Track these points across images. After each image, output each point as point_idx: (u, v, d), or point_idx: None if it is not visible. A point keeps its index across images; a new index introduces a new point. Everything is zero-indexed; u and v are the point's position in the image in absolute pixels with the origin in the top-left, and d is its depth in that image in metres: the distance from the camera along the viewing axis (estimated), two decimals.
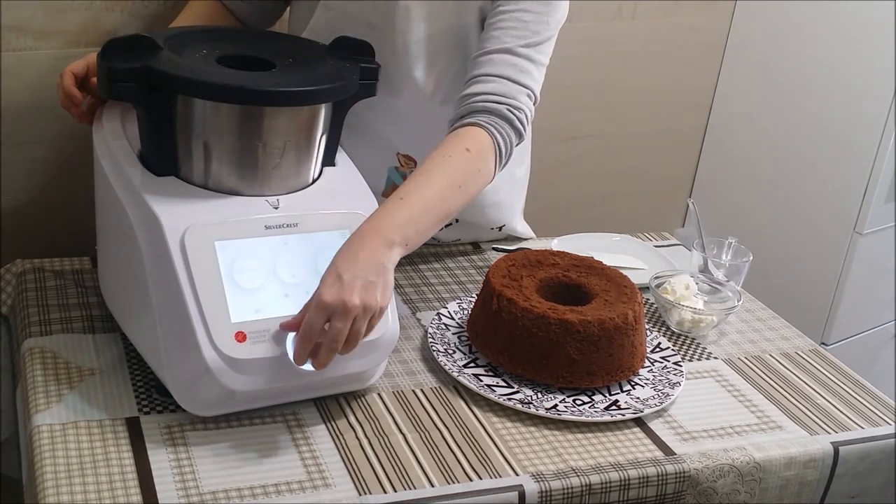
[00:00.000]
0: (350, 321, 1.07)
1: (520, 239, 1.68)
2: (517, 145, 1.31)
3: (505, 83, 1.29)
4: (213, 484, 1.04)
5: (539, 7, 1.33)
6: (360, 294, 1.07)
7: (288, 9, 1.52)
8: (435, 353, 1.29)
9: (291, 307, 1.12)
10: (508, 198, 1.60)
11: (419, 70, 1.39)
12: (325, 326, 1.07)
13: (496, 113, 1.27)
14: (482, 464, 1.12)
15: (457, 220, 1.57)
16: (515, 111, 1.28)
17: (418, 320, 1.41)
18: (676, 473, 1.15)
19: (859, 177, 2.09)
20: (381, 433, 1.16)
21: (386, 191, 1.51)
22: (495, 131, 1.27)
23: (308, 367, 1.09)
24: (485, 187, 1.28)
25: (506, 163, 1.30)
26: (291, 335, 1.09)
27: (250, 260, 1.13)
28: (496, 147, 1.27)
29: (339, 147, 1.29)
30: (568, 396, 1.25)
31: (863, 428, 1.27)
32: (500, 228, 1.64)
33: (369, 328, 1.10)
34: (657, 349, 1.37)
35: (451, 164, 1.23)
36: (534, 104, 1.33)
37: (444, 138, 1.27)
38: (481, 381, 1.25)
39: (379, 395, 1.23)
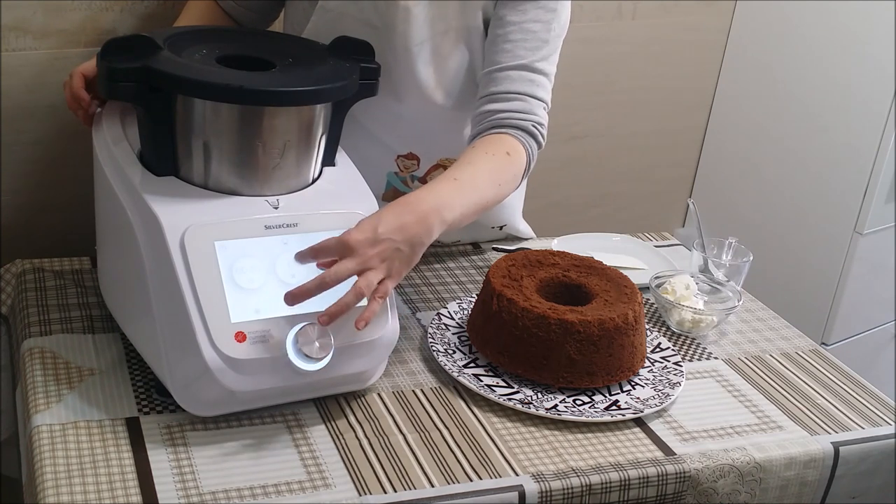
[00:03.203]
0: (357, 270, 1.06)
1: (520, 239, 1.68)
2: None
3: (526, 100, 1.32)
4: (213, 484, 1.04)
5: (545, 16, 1.34)
6: (383, 254, 1.08)
7: (283, 10, 1.52)
8: (435, 353, 1.29)
9: (291, 307, 1.12)
10: (509, 198, 1.60)
11: (421, 72, 1.39)
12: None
13: (523, 129, 1.31)
14: (482, 464, 1.12)
15: None
16: (539, 126, 1.33)
17: (418, 320, 1.41)
18: (677, 473, 1.15)
19: (859, 177, 2.09)
20: (381, 433, 1.16)
21: (385, 194, 1.51)
22: (526, 144, 1.31)
23: (308, 366, 1.09)
24: (510, 195, 1.32)
25: (528, 174, 1.34)
26: (291, 335, 1.09)
27: (250, 260, 1.13)
28: (528, 159, 1.31)
29: (339, 147, 1.29)
30: (568, 396, 1.25)
31: (863, 428, 1.27)
32: (501, 228, 1.64)
33: (370, 307, 1.09)
34: (657, 349, 1.37)
35: (494, 162, 1.26)
36: (546, 114, 1.36)
37: (477, 141, 1.29)
38: (481, 381, 1.25)
39: (379, 395, 1.23)
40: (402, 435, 1.16)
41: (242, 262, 1.12)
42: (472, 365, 1.29)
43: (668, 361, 1.34)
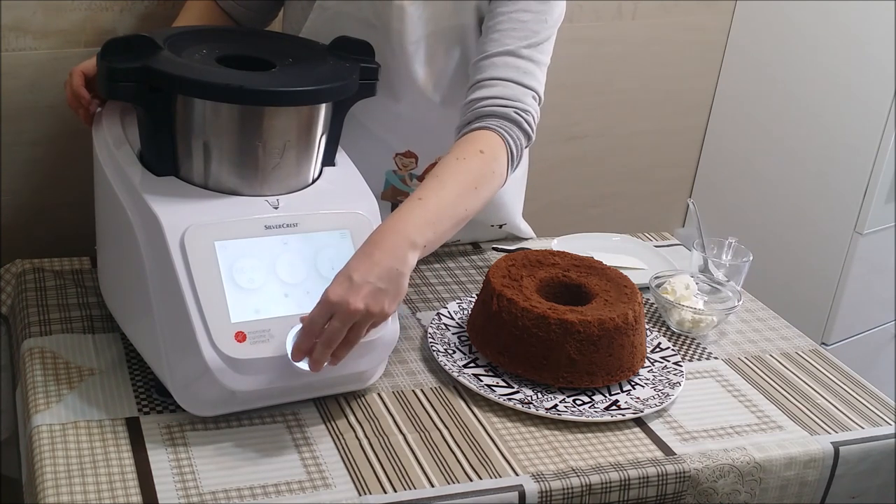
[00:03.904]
0: (349, 323, 1.07)
1: (520, 239, 1.68)
2: (526, 147, 1.32)
3: (510, 86, 1.29)
4: (213, 484, 1.04)
5: (537, 6, 1.33)
6: (366, 299, 1.06)
7: (282, 10, 1.52)
8: (435, 353, 1.29)
9: (291, 307, 1.12)
10: (509, 196, 1.60)
11: (417, 70, 1.39)
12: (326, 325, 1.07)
13: (504, 116, 1.28)
14: (482, 464, 1.12)
15: None
16: (523, 113, 1.29)
17: (418, 320, 1.41)
18: (676, 473, 1.15)
19: (859, 177, 2.09)
20: (381, 433, 1.16)
21: (384, 192, 1.51)
22: (506, 134, 1.27)
23: (306, 366, 1.09)
24: (498, 190, 1.28)
25: (517, 165, 1.30)
26: (291, 335, 1.09)
27: (250, 260, 1.13)
28: (507, 149, 1.27)
29: (339, 147, 1.29)
30: (568, 396, 1.25)
31: (863, 428, 1.27)
32: (501, 226, 1.64)
33: (367, 330, 1.11)
34: (657, 349, 1.37)
35: (465, 166, 1.23)
36: (538, 105, 1.33)
37: (454, 143, 1.27)
38: (481, 381, 1.25)
39: (379, 395, 1.23)
40: (402, 435, 1.16)
41: (242, 262, 1.12)
42: (472, 365, 1.29)
43: (668, 361, 1.34)
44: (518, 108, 1.28)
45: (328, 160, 1.26)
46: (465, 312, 1.40)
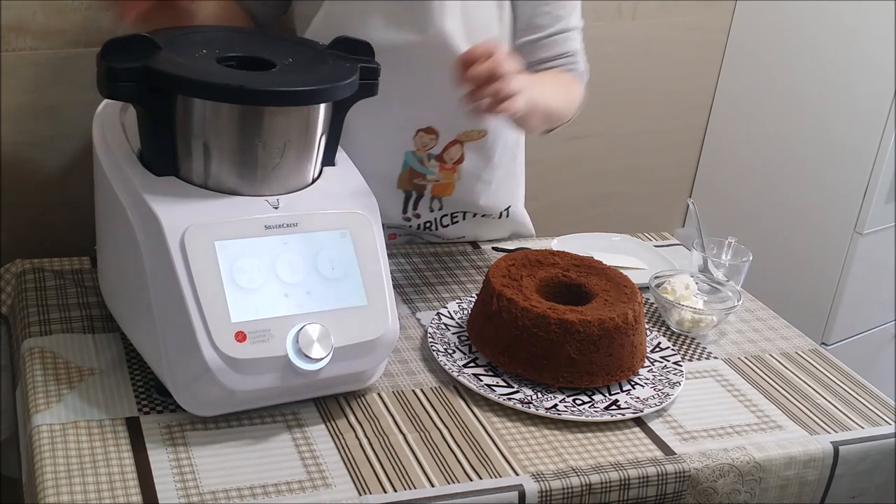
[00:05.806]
0: (498, 65, 1.19)
1: (520, 237, 1.68)
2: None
3: (571, 57, 1.52)
4: (213, 484, 1.04)
5: None
6: (512, 79, 1.21)
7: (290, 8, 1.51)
8: (435, 352, 1.29)
9: (291, 307, 1.12)
10: (512, 177, 1.62)
11: (448, 24, 1.38)
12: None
13: (576, 73, 1.53)
14: (482, 464, 1.12)
15: (463, 217, 1.60)
16: (582, 74, 1.54)
17: (418, 320, 1.41)
18: (676, 473, 1.15)
19: (859, 177, 2.09)
20: (381, 433, 1.16)
21: (402, 175, 1.51)
22: (581, 84, 1.54)
23: (308, 366, 1.09)
24: (568, 118, 1.51)
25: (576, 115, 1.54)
26: (291, 335, 1.10)
27: (250, 260, 1.13)
28: (582, 95, 1.52)
29: (339, 147, 1.29)
30: (568, 396, 1.25)
31: (863, 428, 1.27)
32: (507, 210, 1.63)
33: (500, 100, 1.20)
34: (657, 349, 1.37)
35: (568, 84, 1.51)
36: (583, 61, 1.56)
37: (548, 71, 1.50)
38: (481, 380, 1.25)
39: (379, 395, 1.23)
40: (402, 435, 1.16)
41: (242, 262, 1.12)
42: (471, 365, 1.29)
43: (668, 361, 1.34)
44: (581, 71, 1.54)
45: (328, 160, 1.26)
46: (465, 312, 1.40)
